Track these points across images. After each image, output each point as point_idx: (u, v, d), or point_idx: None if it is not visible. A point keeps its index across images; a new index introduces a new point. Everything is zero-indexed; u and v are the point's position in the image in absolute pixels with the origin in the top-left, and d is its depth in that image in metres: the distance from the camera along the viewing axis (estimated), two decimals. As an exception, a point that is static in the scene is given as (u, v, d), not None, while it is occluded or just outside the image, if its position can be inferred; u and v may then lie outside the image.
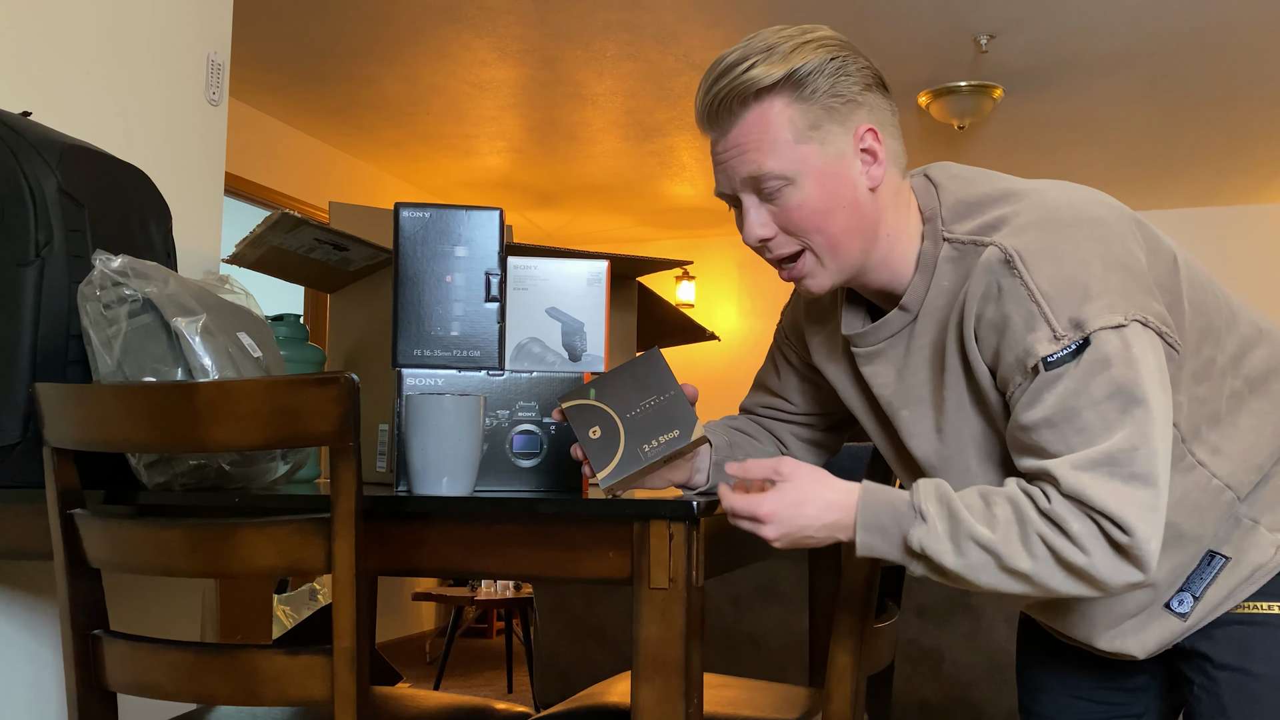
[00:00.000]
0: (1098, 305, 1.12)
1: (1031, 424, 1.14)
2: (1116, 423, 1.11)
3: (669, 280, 7.73)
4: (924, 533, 1.13)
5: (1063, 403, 1.12)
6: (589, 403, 1.26)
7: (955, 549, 1.12)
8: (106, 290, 1.37)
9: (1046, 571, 1.11)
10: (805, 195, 1.22)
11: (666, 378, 1.26)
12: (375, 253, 1.66)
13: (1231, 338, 1.26)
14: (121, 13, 2.04)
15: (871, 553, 1.17)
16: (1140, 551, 1.09)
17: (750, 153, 1.22)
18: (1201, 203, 7.04)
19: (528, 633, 4.99)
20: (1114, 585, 1.11)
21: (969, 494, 1.15)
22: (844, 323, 1.36)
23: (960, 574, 1.13)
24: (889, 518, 1.15)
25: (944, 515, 1.13)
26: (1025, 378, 1.14)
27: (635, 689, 1.13)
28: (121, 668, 1.22)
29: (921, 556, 1.15)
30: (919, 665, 3.05)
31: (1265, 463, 1.27)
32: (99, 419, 1.20)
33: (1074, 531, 1.09)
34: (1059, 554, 1.10)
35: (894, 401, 1.31)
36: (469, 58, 4.69)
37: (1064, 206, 1.19)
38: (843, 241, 1.24)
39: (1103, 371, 1.11)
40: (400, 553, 1.24)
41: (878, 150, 1.24)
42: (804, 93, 1.21)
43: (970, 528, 1.12)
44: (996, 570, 1.12)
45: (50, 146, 1.50)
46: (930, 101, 5.03)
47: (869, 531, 1.16)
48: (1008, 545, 1.11)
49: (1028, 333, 1.14)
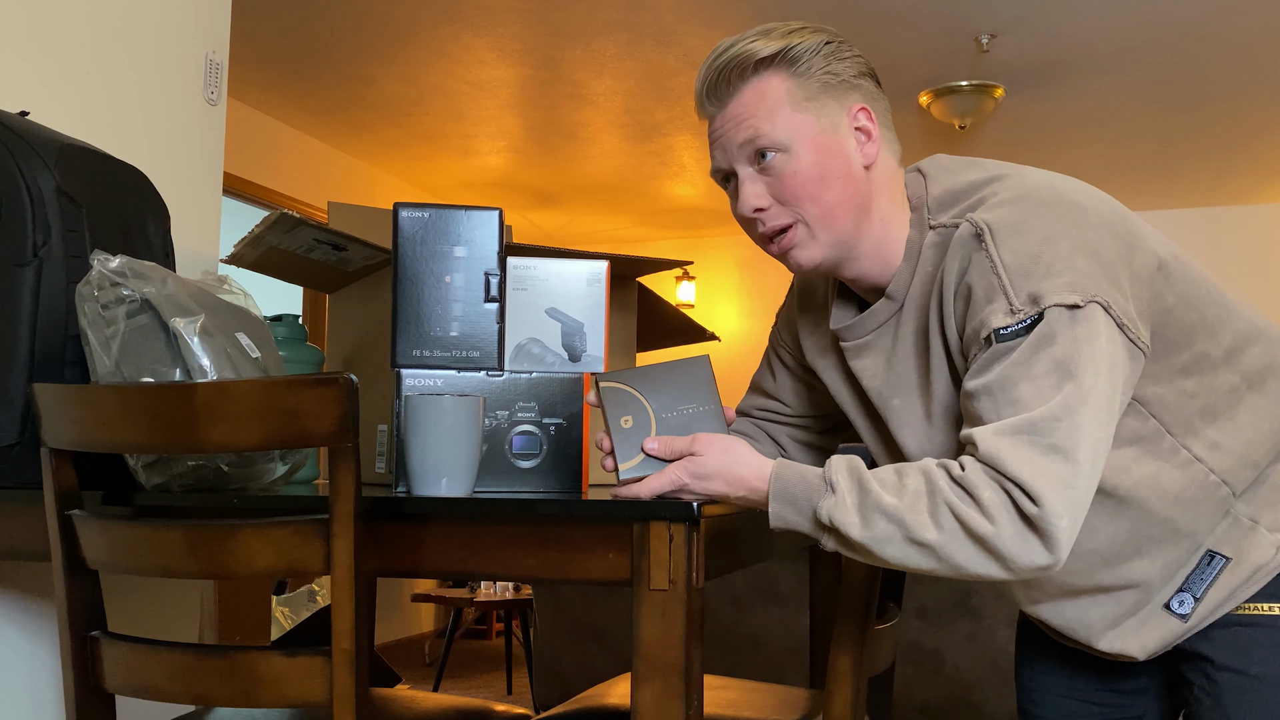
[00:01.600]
0: (1057, 283, 1.12)
1: (972, 390, 1.14)
2: (1050, 395, 1.10)
3: (669, 280, 7.73)
4: (832, 504, 1.13)
5: (1004, 373, 1.12)
6: (629, 390, 1.24)
7: (862, 521, 1.12)
8: (104, 290, 1.36)
9: (953, 544, 1.09)
10: (800, 163, 1.24)
11: (710, 389, 1.26)
12: (374, 253, 1.65)
13: (1226, 333, 1.26)
14: (119, 12, 2.04)
15: (783, 524, 1.17)
16: (1049, 526, 1.07)
17: (748, 119, 1.25)
18: (1203, 202, 7.04)
19: (527, 634, 4.99)
20: (1020, 562, 1.09)
21: (885, 469, 1.15)
22: (833, 317, 1.36)
23: (866, 546, 1.12)
24: (800, 489, 1.16)
25: (854, 488, 1.13)
26: (979, 348, 1.15)
27: (635, 690, 1.13)
28: (120, 669, 1.22)
29: (830, 529, 1.15)
30: (920, 667, 3.05)
31: (1262, 460, 1.27)
32: (97, 420, 1.20)
33: (984, 500, 1.08)
34: (966, 524, 1.08)
35: (884, 391, 1.31)
36: (468, 57, 4.69)
37: (1042, 187, 1.20)
38: (836, 212, 1.25)
39: (1047, 347, 1.11)
40: (399, 554, 1.23)
41: (871, 130, 1.27)
42: (799, 68, 1.25)
43: (878, 498, 1.12)
44: (902, 541, 1.11)
45: (48, 146, 1.49)
46: (931, 101, 5.02)
47: (780, 502, 1.16)
48: (914, 514, 1.10)
49: (986, 304, 1.14)
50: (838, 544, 1.16)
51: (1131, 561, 1.26)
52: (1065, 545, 1.08)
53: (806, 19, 4.23)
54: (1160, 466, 1.23)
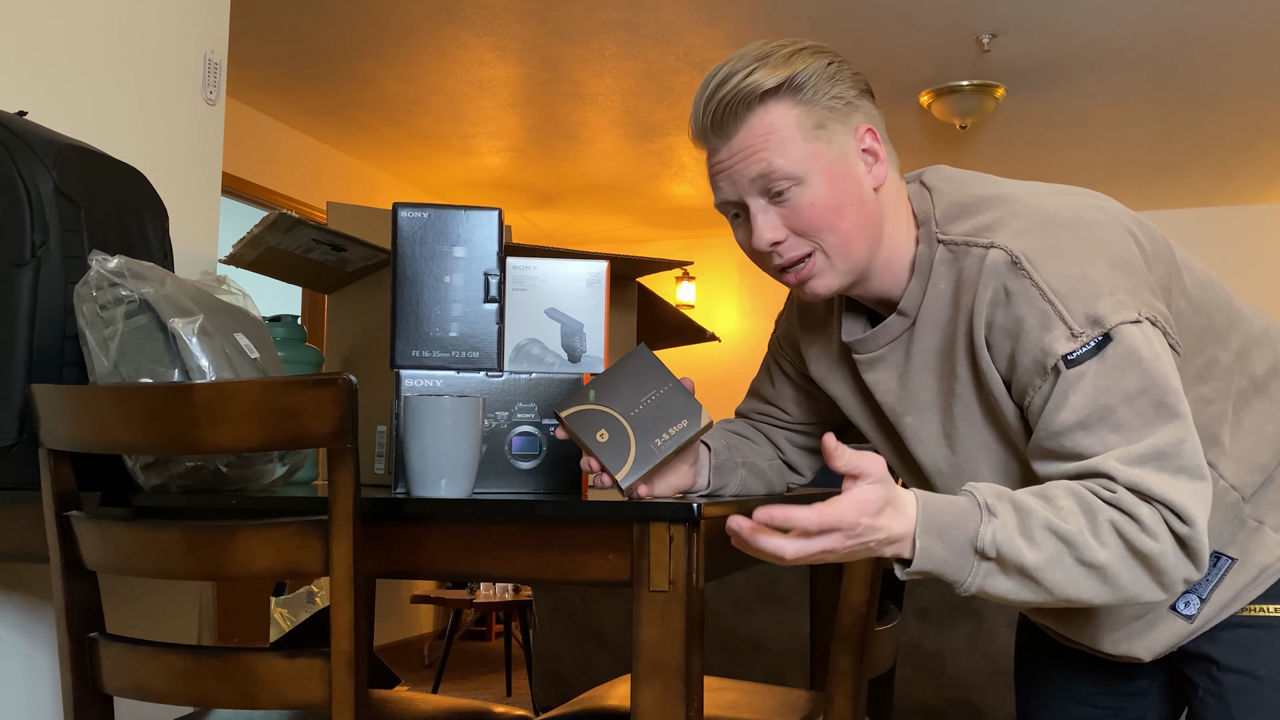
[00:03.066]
0: (1110, 301, 1.11)
1: (1063, 428, 1.11)
2: (1154, 418, 1.09)
3: (669, 281, 7.72)
4: (996, 527, 1.05)
5: (1094, 401, 1.09)
6: (590, 407, 1.24)
7: (1029, 543, 1.05)
8: (103, 291, 1.36)
9: (1119, 564, 1.06)
10: (816, 194, 1.21)
11: (660, 371, 1.25)
12: (373, 253, 1.65)
13: (1235, 336, 1.26)
14: (118, 12, 2.03)
15: (929, 562, 1.06)
16: (1198, 544, 1.07)
17: (760, 153, 1.21)
18: (1204, 203, 7.04)
19: (527, 635, 4.99)
20: (1175, 578, 1.08)
21: (1022, 493, 1.09)
22: (844, 329, 1.35)
23: (1036, 570, 1.05)
24: (951, 517, 1.06)
25: (1011, 510, 1.06)
26: (1044, 379, 1.12)
27: (635, 692, 1.12)
28: (118, 671, 1.21)
29: (992, 557, 1.06)
30: (920, 669, 3.05)
31: (1268, 463, 1.27)
32: (95, 420, 1.19)
33: (1144, 517, 1.06)
34: (1132, 543, 1.06)
35: (897, 407, 1.30)
36: (468, 57, 4.68)
37: (1062, 209, 1.19)
38: (853, 240, 1.23)
39: (1132, 366, 1.09)
40: (398, 555, 1.23)
41: (878, 150, 1.25)
42: (805, 95, 1.22)
43: (1043, 518, 1.05)
44: (1072, 564, 1.06)
45: (46, 146, 1.49)
46: (932, 101, 5.02)
47: (930, 535, 1.05)
48: (1081, 536, 1.05)
49: (1044, 333, 1.12)
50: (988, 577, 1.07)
51: None
52: (1206, 557, 1.08)
53: (807, 19, 4.23)
54: None
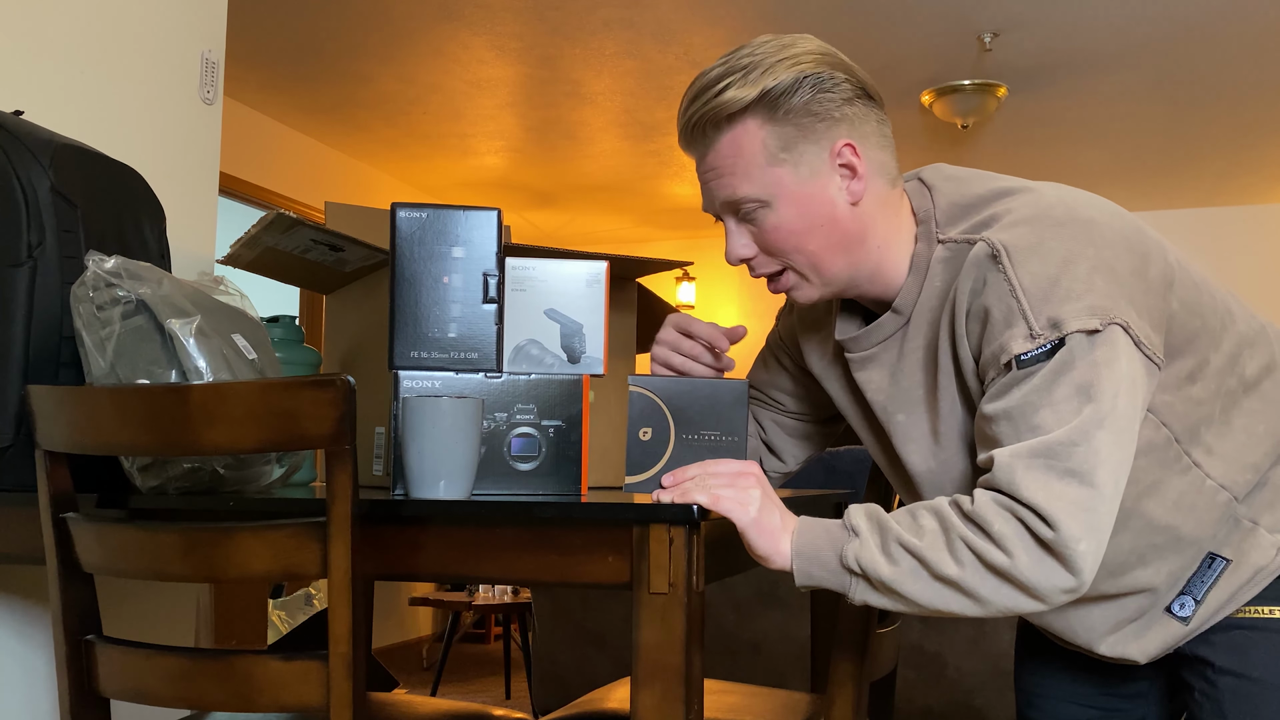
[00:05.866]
0: (1076, 306, 1.12)
1: (992, 415, 1.14)
2: (1068, 421, 1.10)
3: (669, 281, 7.72)
4: (858, 547, 1.14)
5: (1025, 399, 1.12)
6: (655, 400, 1.22)
7: (887, 559, 1.13)
8: (100, 291, 1.36)
9: (974, 578, 1.10)
10: (781, 217, 1.23)
11: (740, 419, 1.24)
12: (372, 253, 1.65)
13: (1228, 338, 1.26)
14: (115, 10, 2.03)
15: (810, 581, 1.17)
16: (1067, 550, 1.07)
17: (725, 177, 1.24)
18: (1207, 203, 7.04)
19: (526, 638, 4.99)
20: (1043, 589, 1.09)
21: (898, 512, 1.16)
22: (838, 328, 1.36)
23: (894, 584, 1.13)
24: (823, 540, 1.16)
25: (875, 530, 1.14)
26: (999, 373, 1.15)
27: (635, 695, 1.12)
28: (115, 674, 1.21)
29: (859, 574, 1.15)
30: (921, 671, 3.04)
31: (1261, 462, 1.26)
32: (92, 422, 1.19)
33: (995, 532, 1.09)
34: (983, 557, 1.09)
35: (888, 406, 1.30)
36: (466, 56, 4.68)
37: (1056, 205, 1.19)
38: (824, 259, 1.25)
39: (1068, 373, 1.11)
40: (397, 557, 1.23)
41: (857, 165, 1.24)
42: (777, 114, 1.21)
43: (898, 534, 1.13)
44: (928, 579, 1.12)
45: (43, 146, 1.48)
46: (933, 100, 5.01)
47: (804, 559, 1.16)
48: (934, 552, 1.11)
49: (1005, 328, 1.14)
50: (866, 590, 1.16)
51: (1135, 571, 1.26)
52: (1088, 568, 1.09)
53: (808, 18, 4.23)
54: (1163, 475, 1.23)
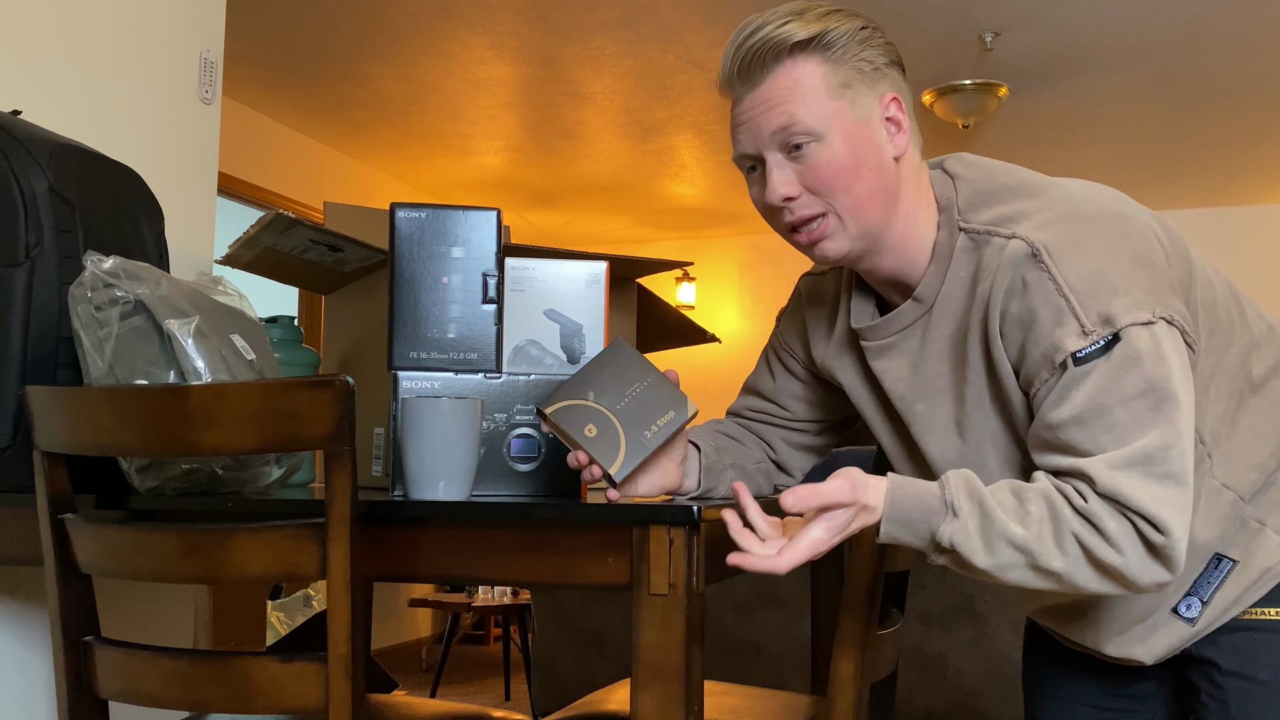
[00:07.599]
0: (1125, 301, 1.11)
1: (1059, 422, 1.12)
2: (1149, 421, 1.10)
3: (669, 281, 7.72)
4: (955, 529, 1.11)
5: (1093, 399, 1.11)
6: (575, 402, 1.23)
7: (986, 548, 1.11)
8: (98, 292, 1.35)
9: (1078, 570, 1.10)
10: (834, 152, 1.21)
11: (641, 363, 1.25)
12: (371, 254, 1.64)
13: (1240, 337, 1.26)
14: (113, 10, 2.03)
15: (891, 540, 1.14)
16: (1173, 551, 1.09)
17: (781, 105, 1.21)
18: (1209, 202, 7.04)
19: (525, 639, 4.98)
20: (1144, 584, 1.11)
21: (1000, 489, 1.13)
22: (853, 315, 1.34)
23: (988, 572, 1.12)
24: (918, 512, 1.12)
25: (976, 512, 1.11)
26: (1052, 374, 1.13)
27: (635, 696, 1.12)
28: (113, 675, 1.21)
29: (949, 551, 1.12)
30: (922, 673, 3.04)
31: (1267, 462, 1.26)
32: (90, 422, 1.19)
33: (1109, 531, 1.08)
34: (1093, 553, 1.09)
35: (908, 395, 1.29)
36: (466, 55, 4.67)
37: (1087, 201, 1.19)
38: (867, 204, 1.23)
39: (1135, 368, 1.10)
40: (396, 558, 1.22)
41: (902, 120, 1.25)
42: (835, 53, 1.22)
43: (1004, 527, 1.10)
44: (1026, 568, 1.11)
45: (41, 146, 1.48)
46: (934, 100, 5.01)
47: (895, 524, 1.13)
48: (1041, 544, 1.10)
49: (1055, 328, 1.13)
50: (951, 563, 1.14)
51: None
52: (1182, 562, 1.10)
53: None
54: None
